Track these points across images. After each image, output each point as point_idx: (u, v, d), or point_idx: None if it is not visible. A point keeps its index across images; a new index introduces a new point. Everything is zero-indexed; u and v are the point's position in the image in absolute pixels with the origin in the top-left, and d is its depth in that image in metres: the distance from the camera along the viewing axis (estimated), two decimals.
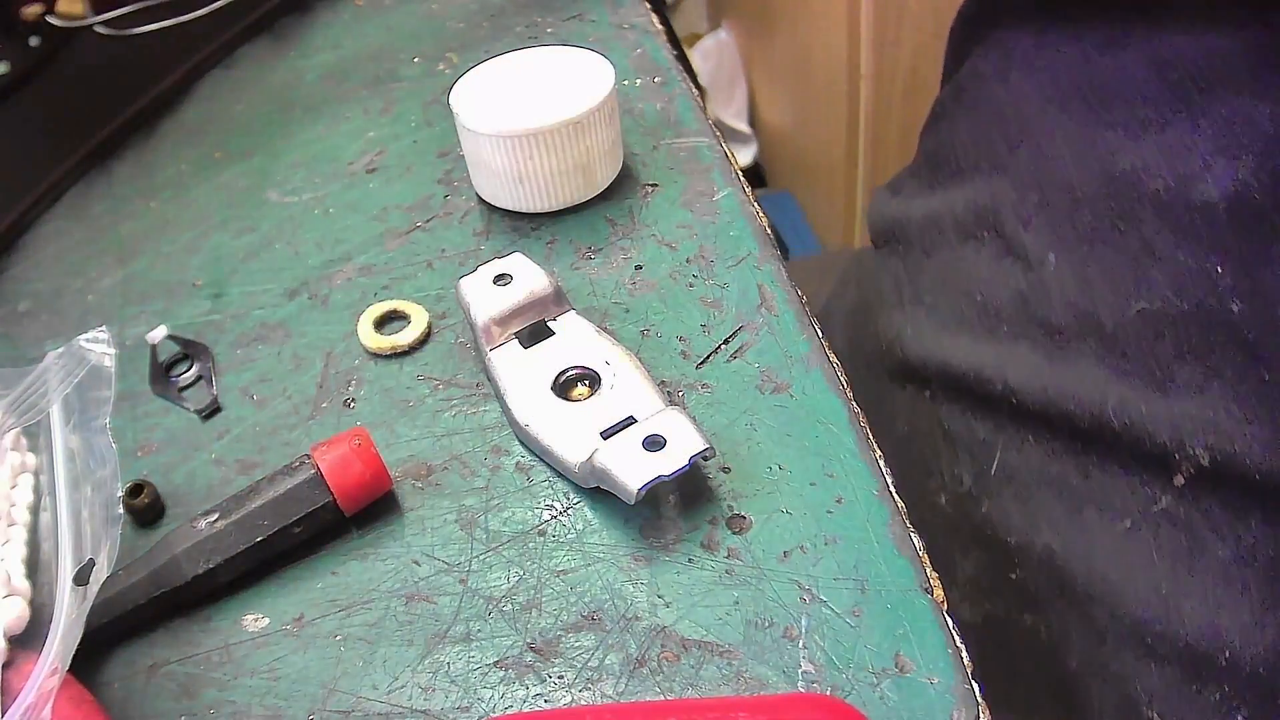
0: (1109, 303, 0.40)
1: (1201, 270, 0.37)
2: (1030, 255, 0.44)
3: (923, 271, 0.54)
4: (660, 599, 0.31)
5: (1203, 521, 0.37)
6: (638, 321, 0.40)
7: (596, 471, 0.33)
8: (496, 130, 0.42)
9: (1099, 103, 0.42)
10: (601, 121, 0.43)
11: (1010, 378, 0.45)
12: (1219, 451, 0.36)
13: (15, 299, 0.48)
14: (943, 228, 0.52)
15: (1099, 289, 0.41)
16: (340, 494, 0.34)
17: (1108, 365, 0.40)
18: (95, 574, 0.30)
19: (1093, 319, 0.41)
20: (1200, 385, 0.37)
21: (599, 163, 0.44)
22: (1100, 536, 0.40)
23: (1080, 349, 0.41)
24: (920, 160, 0.57)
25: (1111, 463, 0.40)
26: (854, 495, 0.33)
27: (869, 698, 0.28)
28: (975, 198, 0.49)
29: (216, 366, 0.42)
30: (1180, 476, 0.37)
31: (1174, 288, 0.37)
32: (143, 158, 0.55)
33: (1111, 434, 0.39)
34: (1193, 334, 0.37)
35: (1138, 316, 0.39)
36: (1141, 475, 0.39)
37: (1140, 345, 0.39)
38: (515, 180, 0.44)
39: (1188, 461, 0.37)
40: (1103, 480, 0.40)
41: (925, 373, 0.52)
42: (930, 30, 1.13)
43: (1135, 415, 0.38)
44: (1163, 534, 0.38)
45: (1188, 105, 0.38)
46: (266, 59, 0.61)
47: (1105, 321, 0.40)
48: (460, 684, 0.30)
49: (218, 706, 0.31)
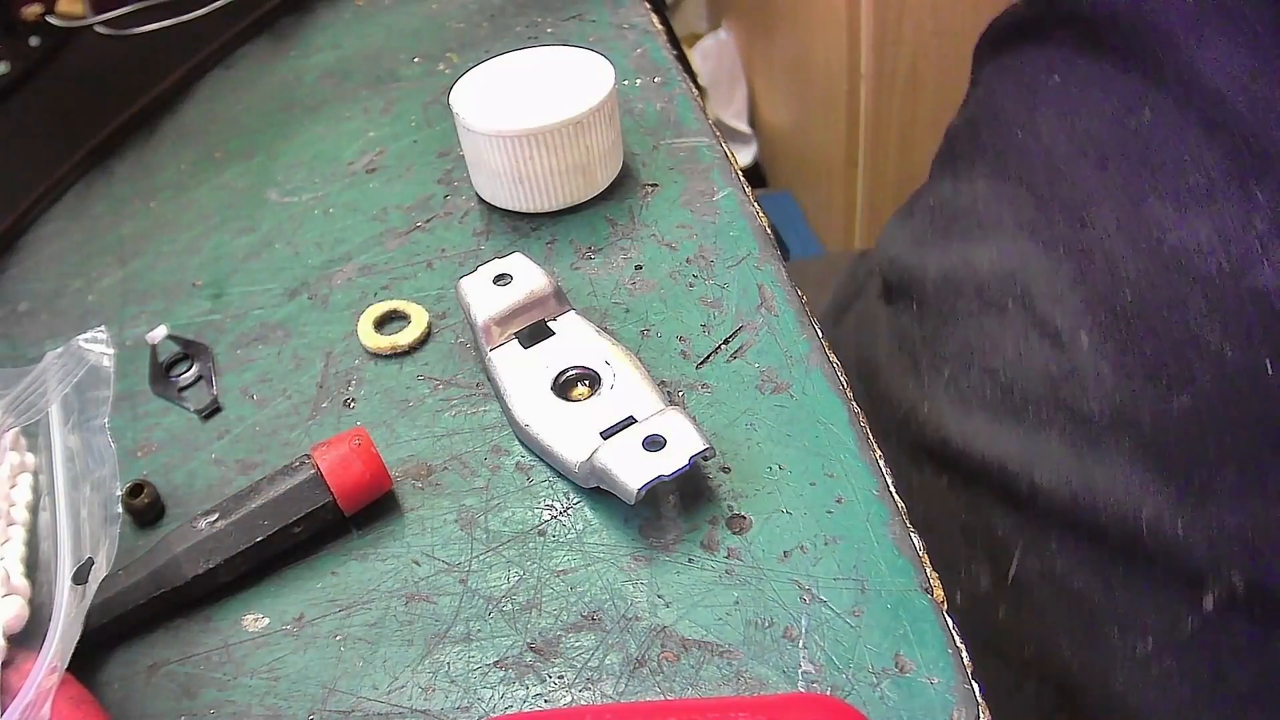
0: (1149, 397, 0.37)
1: (1252, 366, 0.33)
2: (1062, 334, 0.41)
3: (941, 338, 0.49)
4: (660, 599, 0.31)
5: (1228, 646, 0.34)
6: (638, 321, 0.40)
7: (596, 471, 0.33)
8: (496, 130, 0.42)
9: (1142, 164, 0.38)
10: (601, 121, 0.43)
11: (1036, 475, 0.41)
12: (1255, 574, 0.33)
13: (15, 299, 0.48)
14: (963, 290, 0.48)
15: (1138, 380, 0.37)
16: (340, 494, 0.34)
17: (1143, 465, 0.37)
18: (94, 573, 0.30)
19: (1130, 414, 0.37)
20: (1241, 495, 0.34)
21: (599, 163, 0.44)
22: (1120, 658, 0.38)
23: (1114, 445, 0.38)
24: (936, 202, 0.53)
25: (1138, 577, 0.37)
26: (854, 495, 0.33)
27: (869, 698, 0.28)
28: (1000, 261, 0.45)
29: (216, 366, 0.42)
30: (1210, 599, 0.35)
31: (1220, 385, 0.34)
32: (143, 158, 0.55)
33: (1141, 548, 0.37)
34: (1238, 437, 0.34)
35: (1179, 415, 0.36)
36: (1169, 594, 0.36)
37: (1180, 447, 0.36)
38: (515, 180, 0.44)
39: (1220, 584, 0.34)
40: (1127, 598, 0.38)
41: (944, 455, 0.48)
42: (930, 30, 1.13)
43: (1169, 530, 0.36)
44: (1186, 659, 0.36)
45: (1241, 173, 0.34)
46: (266, 59, 0.61)
47: (1143, 418, 0.37)
48: (460, 684, 0.30)
49: (218, 706, 0.31)
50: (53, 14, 0.63)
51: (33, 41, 0.62)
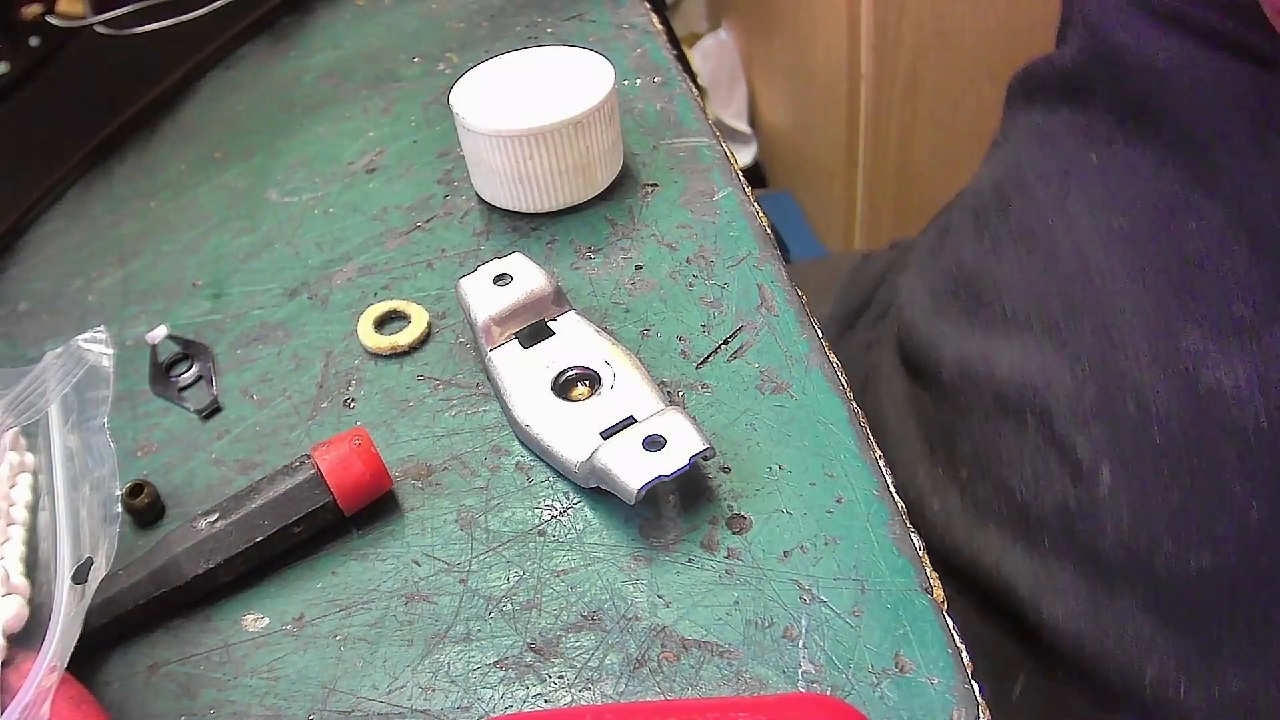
0: (1168, 551, 0.35)
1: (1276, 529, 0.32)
2: (1082, 463, 0.38)
3: (959, 433, 0.46)
4: (660, 599, 0.31)
5: None
6: (638, 321, 0.40)
7: (596, 471, 0.33)
8: (496, 130, 0.42)
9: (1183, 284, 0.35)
10: (601, 121, 0.43)
11: (1045, 608, 0.39)
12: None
13: (15, 299, 0.48)
14: (980, 389, 0.45)
15: (1158, 529, 0.35)
16: (340, 494, 0.34)
17: (1154, 617, 0.35)
18: (93, 572, 0.30)
19: (1145, 562, 0.35)
20: (1248, 660, 0.33)
21: (599, 163, 0.44)
22: None
23: (1127, 591, 0.36)
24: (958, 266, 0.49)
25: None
26: (854, 495, 0.33)
27: (869, 698, 0.28)
28: (1022, 366, 0.42)
29: (216, 366, 0.42)
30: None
31: (1241, 546, 0.33)
32: (143, 158, 0.55)
33: (1142, 701, 0.36)
34: (1252, 599, 0.33)
35: (1197, 573, 0.34)
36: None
37: (1193, 605, 0.34)
38: (515, 180, 0.44)
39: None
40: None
41: (953, 563, 0.45)
42: (930, 30, 1.13)
43: (1172, 693, 0.34)
44: None
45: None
46: (266, 59, 0.61)
47: (1159, 569, 0.35)
48: (460, 684, 0.30)
49: (218, 707, 0.31)
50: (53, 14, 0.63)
51: (33, 41, 0.62)
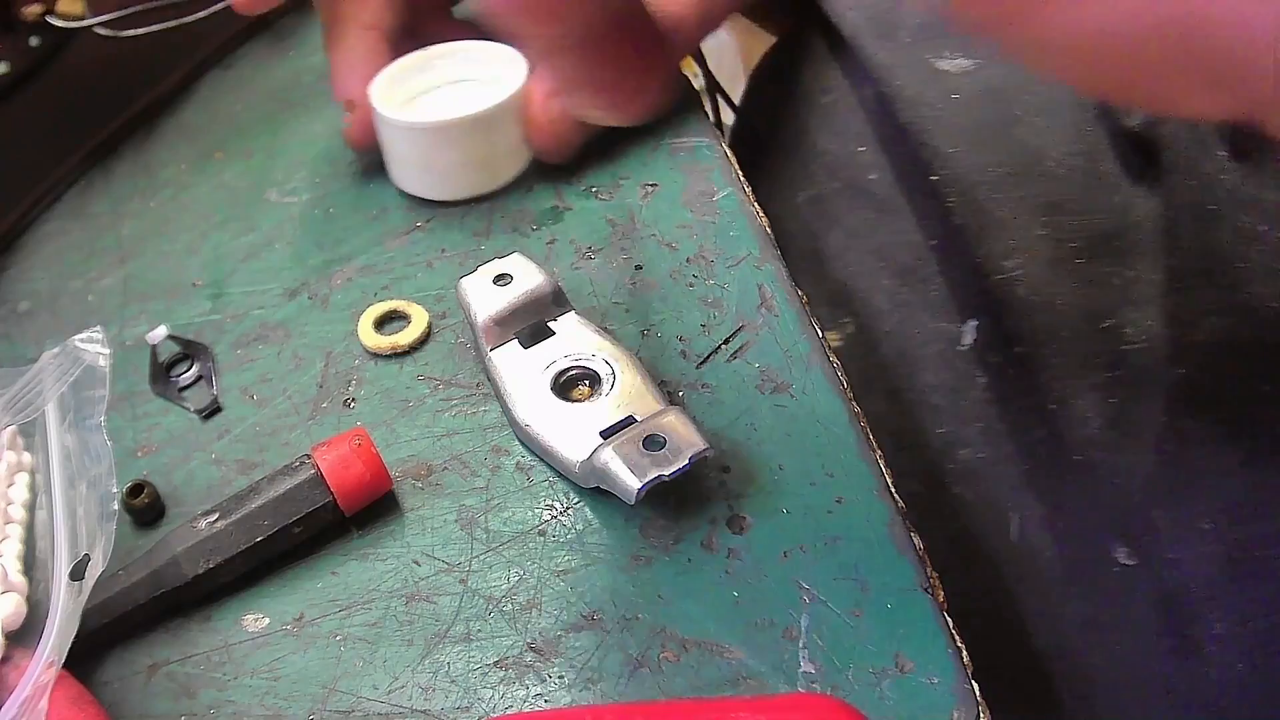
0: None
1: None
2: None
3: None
4: (660, 599, 0.31)
5: None
6: (638, 321, 0.40)
7: (596, 471, 0.33)
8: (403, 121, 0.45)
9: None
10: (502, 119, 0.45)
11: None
12: None
13: (15, 299, 0.48)
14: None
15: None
16: (340, 494, 0.34)
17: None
18: (90, 569, 0.30)
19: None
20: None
21: (502, 159, 0.46)
22: None
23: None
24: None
25: None
26: (854, 495, 0.33)
27: (869, 698, 0.28)
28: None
29: (216, 366, 0.42)
30: None
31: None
32: (143, 158, 0.55)
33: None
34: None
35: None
36: None
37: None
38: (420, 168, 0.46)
39: None
40: None
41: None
42: None
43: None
44: None
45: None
46: (266, 59, 0.61)
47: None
48: (460, 684, 0.30)
49: (217, 706, 0.31)
50: (53, 14, 0.63)
51: (33, 41, 0.62)
